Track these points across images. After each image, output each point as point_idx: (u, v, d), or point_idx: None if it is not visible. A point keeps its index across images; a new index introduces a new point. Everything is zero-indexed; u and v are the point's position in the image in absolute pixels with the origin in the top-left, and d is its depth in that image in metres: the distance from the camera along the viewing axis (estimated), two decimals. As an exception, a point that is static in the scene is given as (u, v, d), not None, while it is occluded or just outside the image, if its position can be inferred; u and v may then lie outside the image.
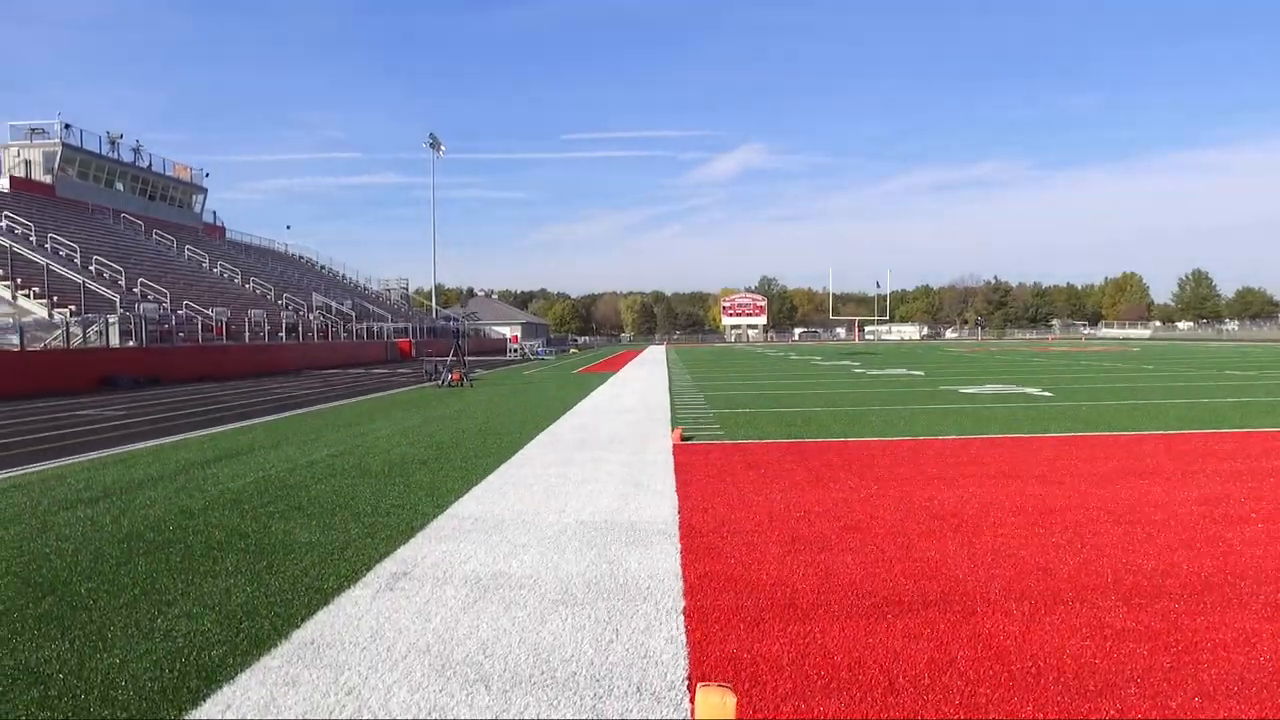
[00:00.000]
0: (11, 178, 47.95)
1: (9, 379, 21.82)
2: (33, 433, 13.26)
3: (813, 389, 20.04)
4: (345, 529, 6.12)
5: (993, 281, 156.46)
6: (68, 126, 51.00)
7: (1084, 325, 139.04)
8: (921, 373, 25.84)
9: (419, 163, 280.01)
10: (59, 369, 23.82)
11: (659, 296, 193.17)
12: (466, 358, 26.38)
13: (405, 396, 19.71)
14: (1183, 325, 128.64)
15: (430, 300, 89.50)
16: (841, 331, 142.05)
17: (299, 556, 5.38)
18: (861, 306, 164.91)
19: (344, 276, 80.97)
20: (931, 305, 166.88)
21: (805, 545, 5.40)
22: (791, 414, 13.91)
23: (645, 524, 6.09)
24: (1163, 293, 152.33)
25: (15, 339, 23.48)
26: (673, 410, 14.96)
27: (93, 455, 10.39)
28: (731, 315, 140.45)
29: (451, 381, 23.65)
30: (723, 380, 24.45)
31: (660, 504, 6.76)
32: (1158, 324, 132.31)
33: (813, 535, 5.66)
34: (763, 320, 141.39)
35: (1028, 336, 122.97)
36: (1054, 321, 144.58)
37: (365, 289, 78.68)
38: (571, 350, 68.83)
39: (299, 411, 16.20)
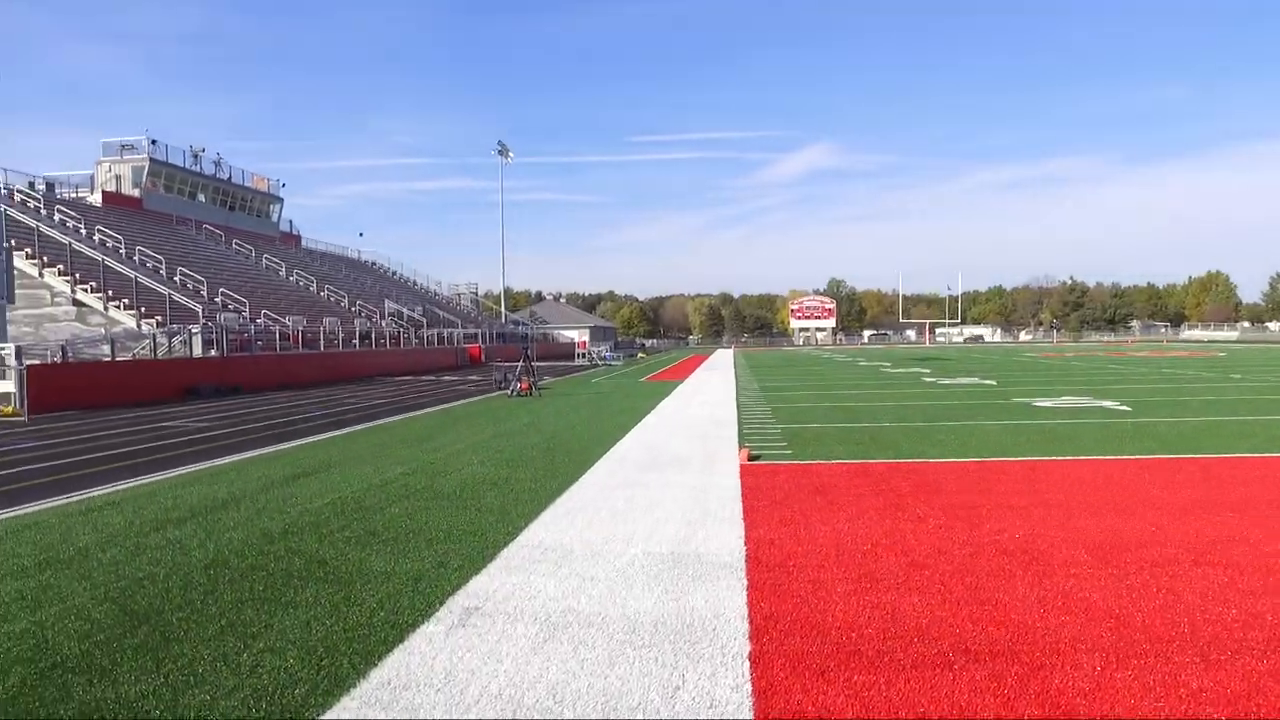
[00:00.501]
0: (104, 192, 50.04)
1: (102, 389, 22.78)
2: (126, 445, 13.83)
3: (881, 400, 19.84)
4: (419, 556, 6.29)
5: (1069, 282, 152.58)
6: (154, 142, 53.01)
7: (1165, 327, 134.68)
8: (993, 382, 25.38)
9: (488, 167, 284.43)
10: (147, 379, 24.78)
11: (726, 299, 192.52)
12: (534, 364, 26.73)
13: (475, 407, 20.05)
14: (1274, 326, 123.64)
15: (499, 305, 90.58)
16: (912, 334, 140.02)
17: (375, 587, 5.56)
18: (932, 308, 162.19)
19: (414, 282, 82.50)
20: (1004, 307, 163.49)
21: (872, 583, 5.39)
22: (859, 430, 13.81)
23: (712, 556, 6.14)
24: (1252, 292, 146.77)
25: (107, 350, 24.49)
26: (740, 425, 14.96)
27: (179, 471, 10.81)
28: (800, 318, 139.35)
29: (520, 391, 23.98)
30: (790, 390, 24.34)
31: (727, 534, 6.80)
32: (1246, 325, 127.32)
33: (879, 571, 5.64)
34: (831, 323, 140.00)
35: (1105, 339, 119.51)
36: (1133, 323, 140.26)
37: (435, 295, 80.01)
38: (639, 355, 69.06)
39: (371, 424, 16.60)
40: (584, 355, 51.63)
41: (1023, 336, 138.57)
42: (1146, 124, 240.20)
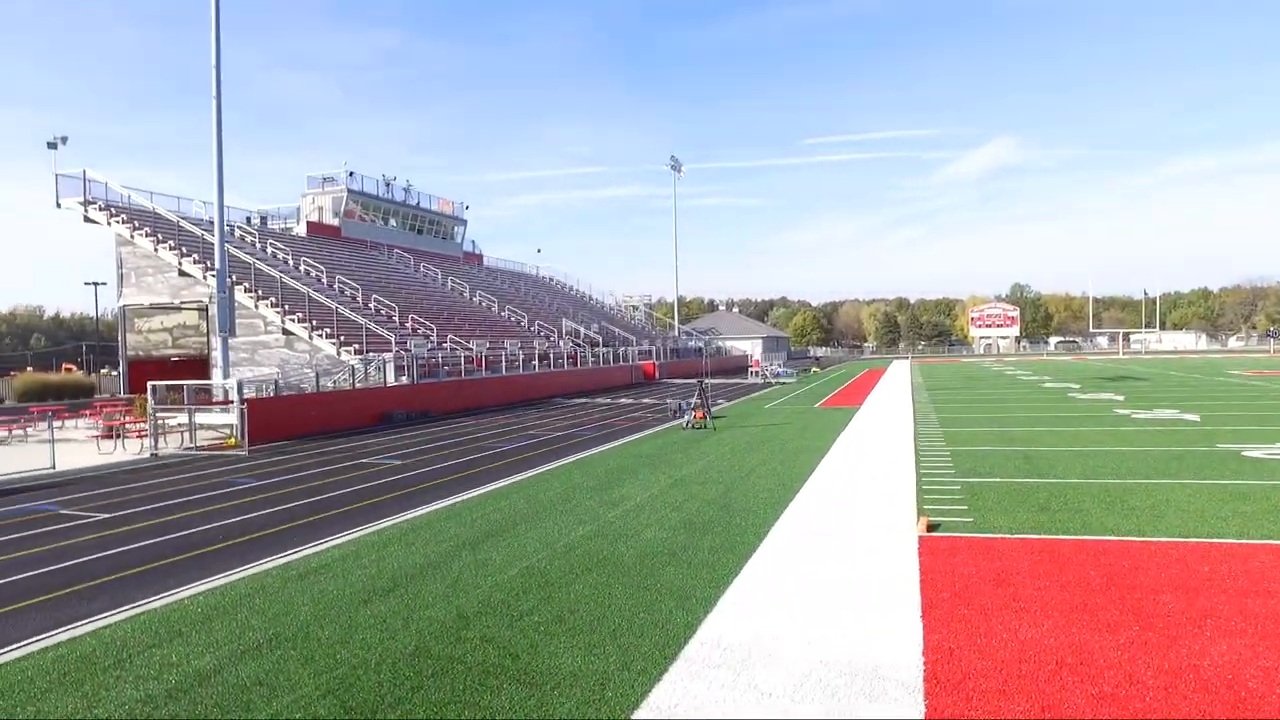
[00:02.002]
0: (308, 223, 54.21)
1: (309, 419, 24.80)
2: (333, 488, 14.99)
3: (1068, 441, 18.92)
4: (604, 653, 6.62)
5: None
6: (351, 174, 56.85)
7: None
8: (1196, 418, 23.62)
9: (659, 174, 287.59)
10: (347, 407, 26.74)
11: (902, 304, 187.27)
12: (708, 383, 27.05)
13: (650, 445, 20.48)
14: None
15: (670, 316, 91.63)
16: (1103, 341, 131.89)
17: (564, 691, 5.91)
18: (1126, 312, 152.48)
19: (590, 297, 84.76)
20: (1210, 310, 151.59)
21: None
22: (1043, 489, 13.26)
23: (889, 670, 6.14)
24: None
25: (312, 378, 26.56)
26: (918, 474, 14.68)
27: (380, 525, 11.67)
28: (980, 326, 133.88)
29: (695, 421, 24.33)
30: (969, 423, 23.55)
31: (905, 638, 6.76)
32: None
33: (1062, 701, 5.51)
34: (1014, 331, 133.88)
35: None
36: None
37: (610, 310, 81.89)
38: (812, 370, 68.18)
39: (554, 465, 17.27)
40: (756, 375, 51.47)
41: (1232, 343, 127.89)
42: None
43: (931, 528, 10.59)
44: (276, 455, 19.97)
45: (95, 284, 70.80)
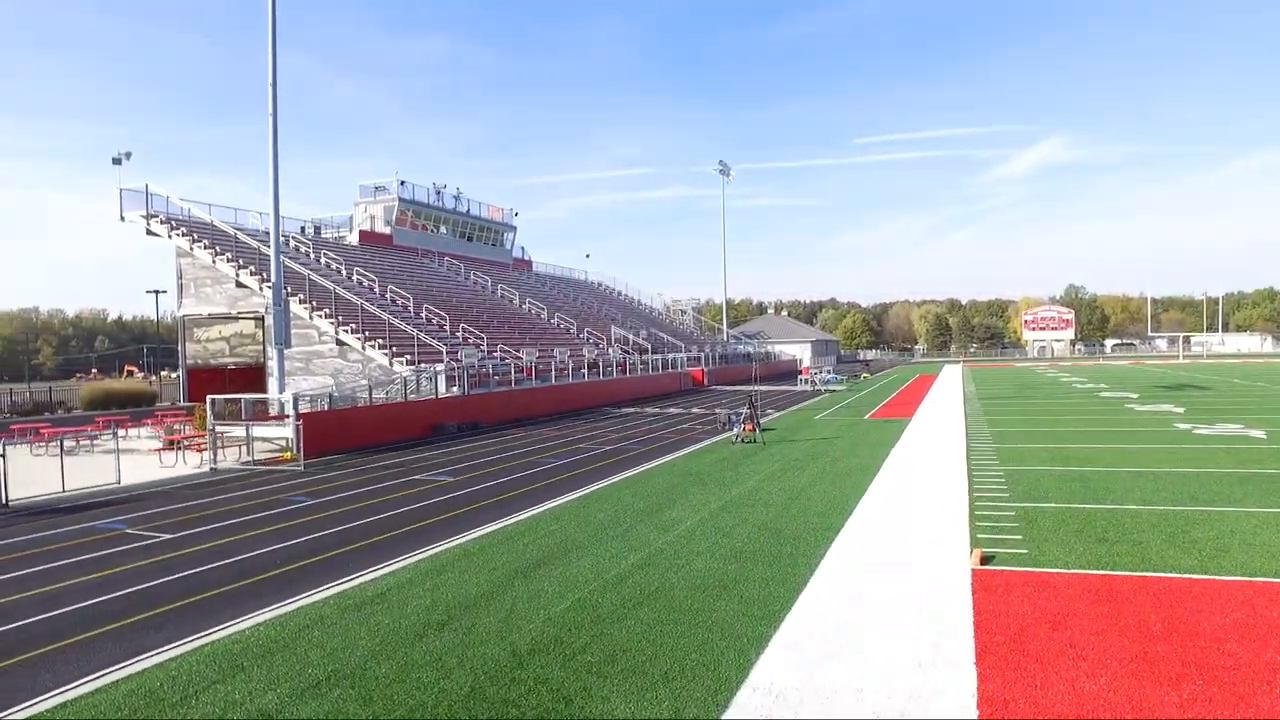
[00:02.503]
0: (360, 232, 55.16)
1: (362, 431, 25.24)
2: (386, 508, 15.22)
3: (1126, 460, 18.55)
4: (656, 697, 6.65)
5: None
6: (402, 183, 57.71)
7: None
8: (1262, 434, 22.99)
9: (708, 176, 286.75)
10: (399, 419, 27.16)
11: (953, 305, 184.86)
12: (757, 393, 26.98)
13: (700, 462, 20.47)
14: None
15: (718, 319, 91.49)
16: (1162, 343, 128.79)
17: (618, 742, 5.97)
18: (1186, 313, 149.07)
19: (638, 302, 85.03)
20: (1277, 311, 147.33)
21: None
22: (1100, 515, 13.02)
23: (944, 724, 6.10)
24: None
25: (365, 390, 26.99)
26: (970, 498, 14.50)
27: (432, 550, 11.83)
28: (1034, 329, 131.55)
29: (744, 435, 24.29)
30: (1023, 438, 23.18)
31: (958, 688, 6.68)
32: None
33: (1126, 764, 5.43)
34: (1069, 334, 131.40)
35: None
36: None
37: (658, 315, 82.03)
38: (862, 375, 67.58)
39: (602, 484, 17.34)
40: (805, 381, 51.14)
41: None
42: None
43: (985, 560, 10.47)
44: (331, 470, 20.32)
45: (156, 292, 72.48)
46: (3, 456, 16.37)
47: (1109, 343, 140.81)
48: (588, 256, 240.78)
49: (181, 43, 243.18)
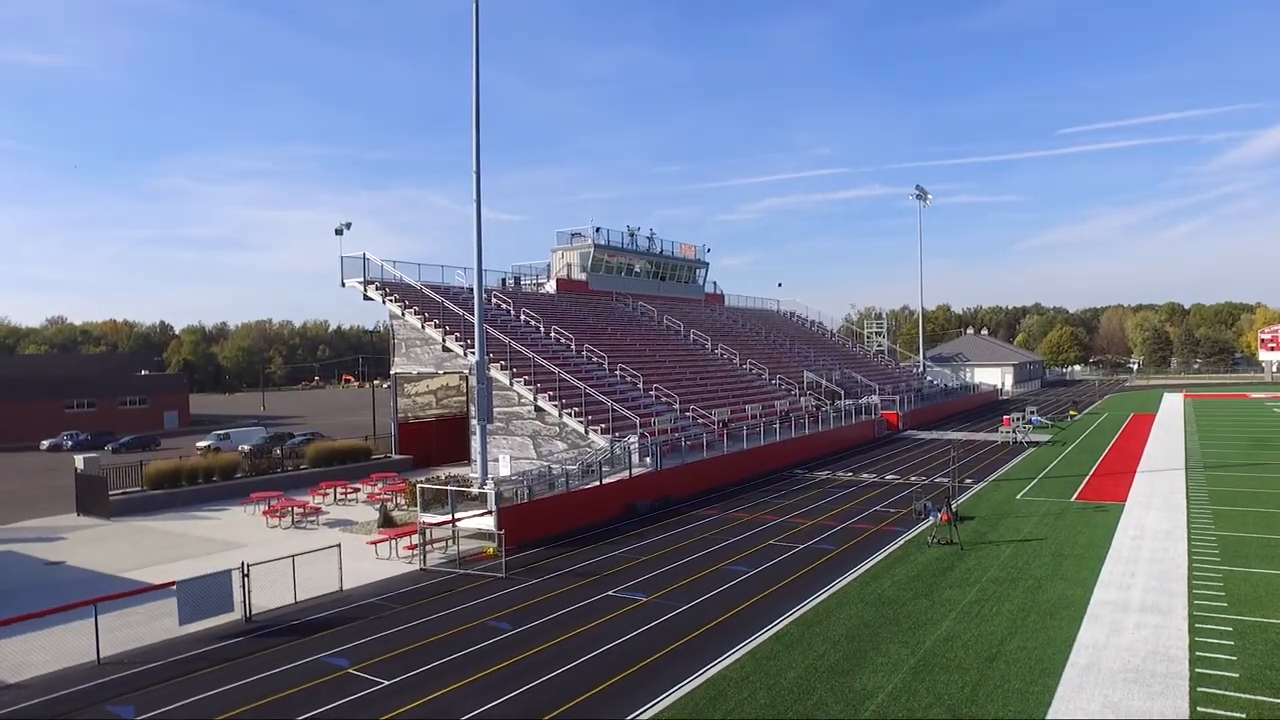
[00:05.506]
0: (557, 280, 57.29)
1: (557, 518, 26.39)
2: (585, 644, 15.73)
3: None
4: None
5: None
6: (598, 229, 59.43)
7: None
8: None
9: (902, 173, 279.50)
10: (594, 502, 28.14)
11: (1175, 311, 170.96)
12: (954, 456, 26.14)
13: (891, 580, 19.96)
14: None
15: (913, 332, 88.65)
16: None
17: None
18: None
19: (829, 332, 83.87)
20: None
21: None
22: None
23: None
24: None
25: (562, 477, 28.11)
26: (1191, 668, 13.39)
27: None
28: (1271, 350, 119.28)
29: (939, 530, 23.61)
30: (1271, 544, 21.13)
31: None
32: None
33: None
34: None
35: None
36: None
37: (851, 350, 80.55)
38: (1069, 416, 63.35)
39: (791, 618, 17.23)
40: (1007, 432, 48.57)
41: None
42: None
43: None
44: (531, 578, 21.19)
45: (371, 334, 77.81)
46: (246, 576, 18.17)
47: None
48: (779, 285, 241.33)
49: (391, 66, 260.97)
